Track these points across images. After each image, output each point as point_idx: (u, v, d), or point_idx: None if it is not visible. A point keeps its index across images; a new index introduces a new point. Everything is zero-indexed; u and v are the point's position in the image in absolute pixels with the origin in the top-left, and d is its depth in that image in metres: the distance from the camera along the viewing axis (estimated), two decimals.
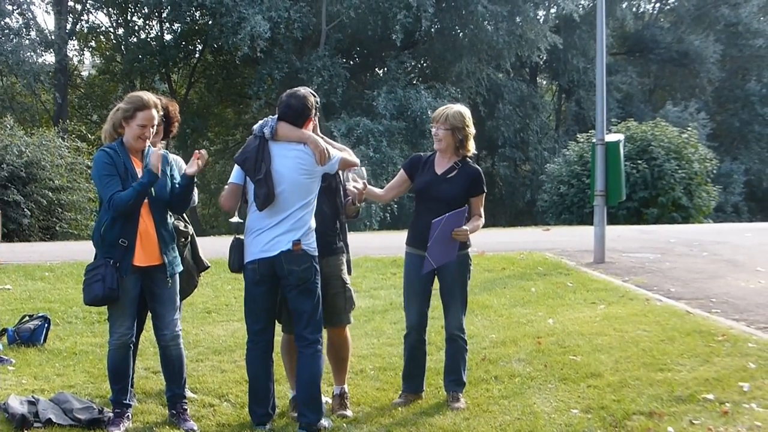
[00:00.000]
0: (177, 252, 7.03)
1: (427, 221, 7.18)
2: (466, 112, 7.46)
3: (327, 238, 7.06)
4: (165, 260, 6.83)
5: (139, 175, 6.71)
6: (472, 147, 7.48)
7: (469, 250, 7.55)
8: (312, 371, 6.74)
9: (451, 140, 7.37)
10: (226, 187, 6.88)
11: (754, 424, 6.71)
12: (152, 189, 6.68)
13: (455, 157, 7.44)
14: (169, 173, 6.88)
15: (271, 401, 6.97)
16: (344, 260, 7.31)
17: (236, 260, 6.87)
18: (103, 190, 6.63)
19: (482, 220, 7.53)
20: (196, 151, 6.85)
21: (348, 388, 7.55)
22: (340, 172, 7.16)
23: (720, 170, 36.78)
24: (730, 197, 44.36)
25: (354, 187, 7.09)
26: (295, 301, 6.76)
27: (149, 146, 6.89)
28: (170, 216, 7.02)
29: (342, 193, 7.27)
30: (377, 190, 7.83)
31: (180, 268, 7.05)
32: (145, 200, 6.68)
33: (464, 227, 7.20)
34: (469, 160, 7.53)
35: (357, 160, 7.12)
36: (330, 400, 7.40)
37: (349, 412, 7.23)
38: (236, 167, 6.81)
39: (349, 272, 7.48)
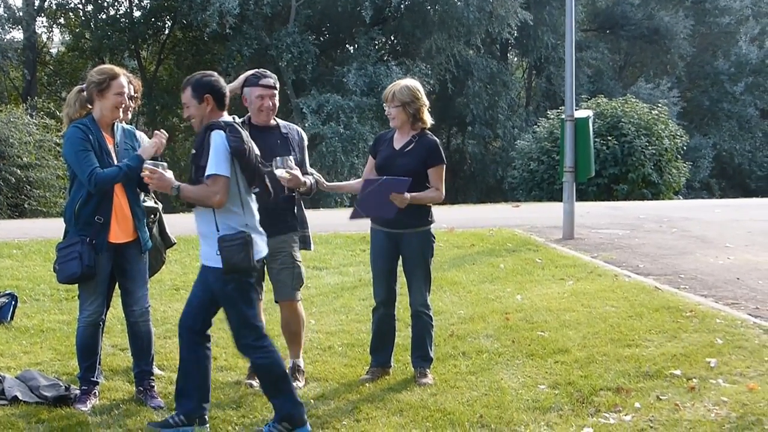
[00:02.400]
0: (147, 228, 7.00)
1: None
2: (414, 84, 7.44)
3: (277, 213, 7.02)
4: (140, 236, 6.82)
5: (111, 150, 6.66)
6: (428, 119, 7.46)
7: (433, 226, 7.55)
8: None
9: (404, 116, 7.36)
10: (219, 181, 5.84)
11: (721, 400, 6.75)
12: None
13: (413, 132, 7.44)
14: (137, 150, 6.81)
15: None
16: (296, 237, 7.30)
17: (248, 257, 5.94)
18: (79, 166, 6.50)
19: (439, 194, 7.38)
20: (156, 132, 6.74)
21: (303, 362, 7.59)
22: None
23: (690, 146, 36.90)
24: (700, 172, 44.54)
25: (280, 177, 6.75)
26: None
27: (117, 122, 6.83)
28: (141, 193, 6.98)
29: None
30: (354, 182, 7.86)
31: (150, 244, 7.03)
32: None
33: (405, 194, 7.07)
34: (427, 132, 7.51)
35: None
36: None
37: (300, 383, 7.26)
38: (225, 157, 5.86)
39: (309, 247, 7.56)
